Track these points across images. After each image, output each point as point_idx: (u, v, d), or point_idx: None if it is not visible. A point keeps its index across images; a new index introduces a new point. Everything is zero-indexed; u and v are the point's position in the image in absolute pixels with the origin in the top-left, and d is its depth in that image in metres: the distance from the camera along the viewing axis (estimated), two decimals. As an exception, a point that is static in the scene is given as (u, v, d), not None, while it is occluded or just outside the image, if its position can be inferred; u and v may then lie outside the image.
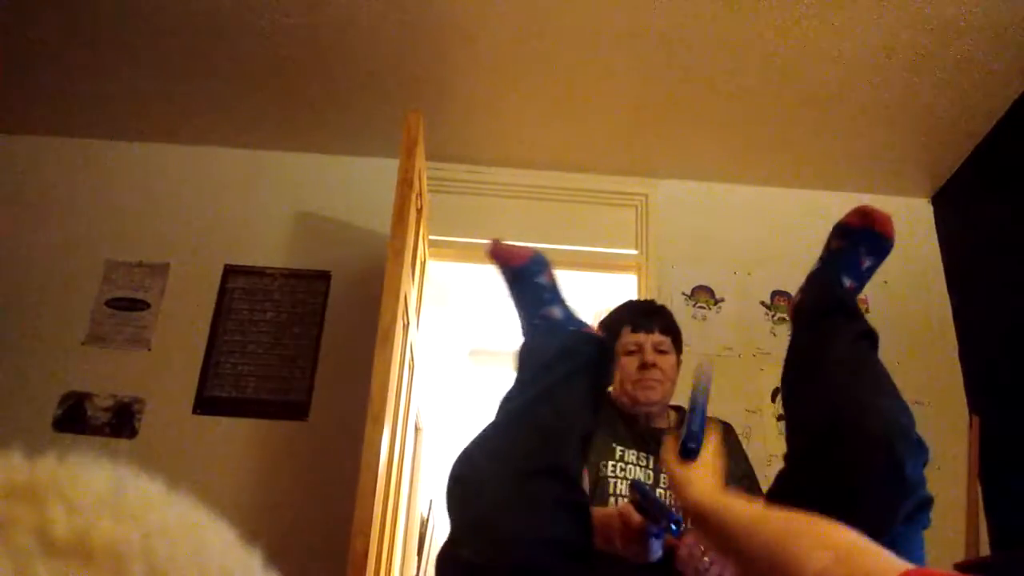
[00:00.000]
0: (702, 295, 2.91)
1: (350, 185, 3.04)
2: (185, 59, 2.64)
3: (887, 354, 3.11)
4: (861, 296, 2.92)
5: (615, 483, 1.58)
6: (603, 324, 1.83)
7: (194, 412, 2.63)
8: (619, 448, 1.66)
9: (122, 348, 2.73)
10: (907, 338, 2.85)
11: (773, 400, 2.74)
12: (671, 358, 1.76)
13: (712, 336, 2.85)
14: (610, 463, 1.63)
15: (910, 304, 2.92)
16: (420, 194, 2.48)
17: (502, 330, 4.54)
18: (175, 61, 2.66)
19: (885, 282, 2.95)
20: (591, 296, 4.02)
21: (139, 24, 2.50)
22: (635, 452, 1.66)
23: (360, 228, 2.95)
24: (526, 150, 3.02)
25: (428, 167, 2.71)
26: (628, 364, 1.74)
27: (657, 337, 1.75)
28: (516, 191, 3.07)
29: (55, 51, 2.63)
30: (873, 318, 2.87)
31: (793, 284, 2.91)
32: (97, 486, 0.29)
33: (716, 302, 2.90)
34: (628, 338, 1.76)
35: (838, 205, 3.06)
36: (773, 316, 2.89)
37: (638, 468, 1.63)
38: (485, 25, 2.44)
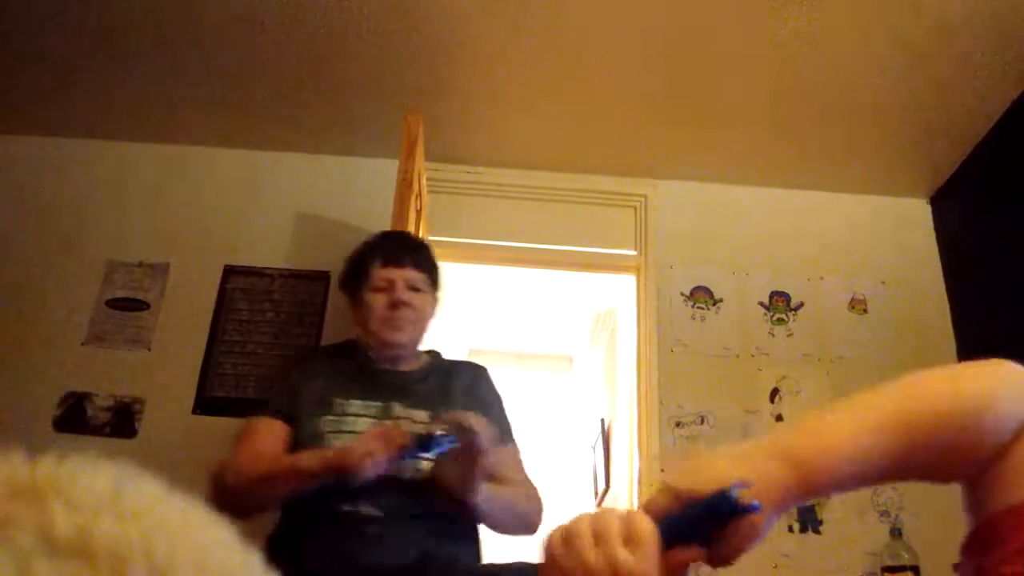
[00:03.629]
0: (701, 296, 2.91)
1: (350, 186, 3.04)
2: (185, 59, 2.64)
3: (886, 355, 3.11)
4: (859, 296, 2.94)
5: (333, 439, 1.48)
6: (351, 258, 1.70)
7: (194, 412, 2.63)
8: (339, 401, 1.55)
9: (122, 348, 2.73)
10: (906, 339, 2.86)
11: (772, 400, 2.75)
12: (426, 297, 1.64)
13: (711, 337, 2.85)
14: (327, 418, 1.53)
15: (909, 305, 2.92)
16: (419, 195, 2.49)
17: (501, 330, 4.54)
18: (175, 61, 2.65)
19: (883, 283, 2.96)
20: (590, 298, 4.02)
21: (139, 24, 2.50)
22: (360, 401, 1.54)
23: (360, 229, 2.94)
24: (525, 151, 3.01)
25: (427, 168, 2.72)
26: (375, 302, 1.61)
27: (410, 273, 1.62)
28: (515, 192, 3.07)
29: (55, 51, 2.63)
30: (872, 319, 2.90)
31: (792, 285, 2.93)
32: (98, 486, 0.29)
33: (715, 303, 2.90)
34: (378, 273, 1.62)
35: (837, 205, 3.10)
36: (772, 317, 2.89)
37: (365, 419, 1.51)
38: (484, 26, 2.44)
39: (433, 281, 1.69)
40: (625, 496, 2.98)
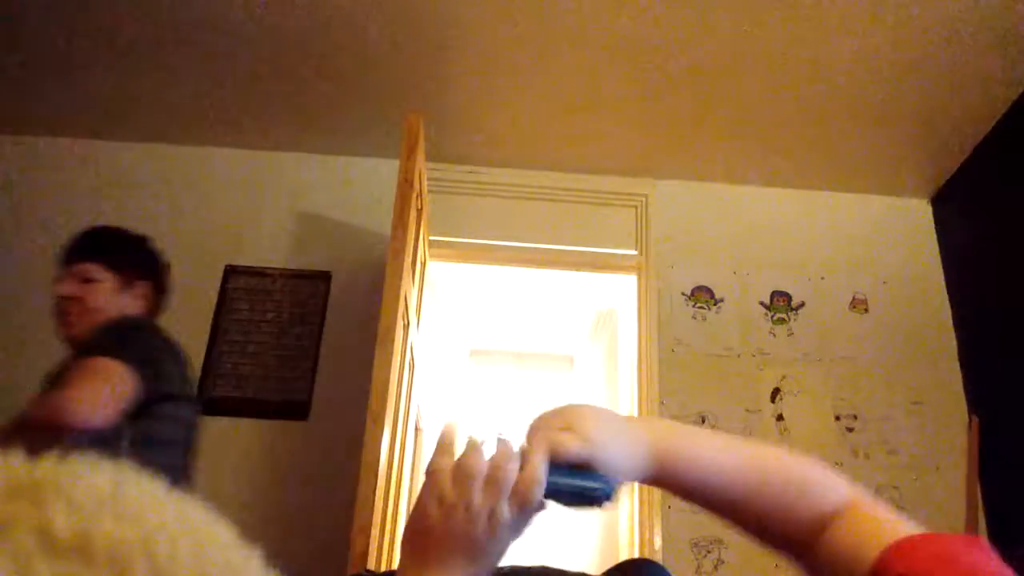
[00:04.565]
0: (702, 295, 2.91)
1: (350, 186, 3.04)
2: (185, 59, 2.64)
3: (887, 354, 3.11)
4: (860, 296, 2.94)
5: None
6: None
7: (194, 412, 2.63)
8: None
9: (122, 348, 2.73)
10: (906, 338, 2.86)
11: (773, 400, 2.74)
12: (100, 285, 1.68)
13: (712, 336, 2.85)
14: None
15: (910, 304, 2.92)
16: (420, 195, 2.49)
17: (502, 330, 4.54)
18: (175, 61, 2.66)
19: (884, 282, 2.96)
20: (590, 298, 4.02)
21: (139, 25, 2.50)
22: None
23: (360, 228, 2.95)
24: (526, 151, 3.02)
25: (428, 168, 2.72)
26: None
27: (78, 267, 1.67)
28: (516, 192, 3.07)
29: (55, 51, 2.63)
30: (872, 318, 2.90)
31: (792, 284, 2.93)
32: (98, 486, 0.29)
33: (716, 302, 2.90)
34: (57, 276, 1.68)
35: (837, 205, 3.10)
36: (772, 316, 2.89)
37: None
38: (485, 26, 2.44)
39: (113, 264, 1.70)
40: (625, 495, 2.98)
